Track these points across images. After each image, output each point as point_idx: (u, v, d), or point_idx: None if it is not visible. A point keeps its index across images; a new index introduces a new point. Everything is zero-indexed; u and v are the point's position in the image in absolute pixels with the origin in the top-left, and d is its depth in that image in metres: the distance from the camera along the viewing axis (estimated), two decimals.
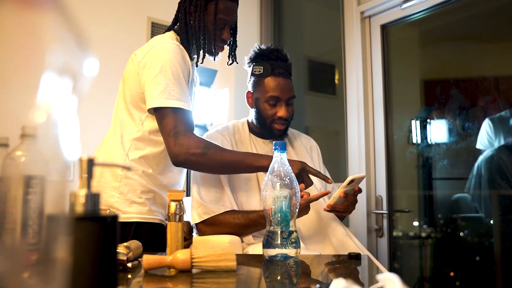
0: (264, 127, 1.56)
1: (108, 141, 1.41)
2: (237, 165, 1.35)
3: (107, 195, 1.33)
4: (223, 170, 1.41)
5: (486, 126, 2.11)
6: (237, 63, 1.57)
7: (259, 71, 1.53)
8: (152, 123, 1.36)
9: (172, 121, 1.29)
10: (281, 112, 1.51)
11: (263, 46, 1.59)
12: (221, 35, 1.45)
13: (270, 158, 1.21)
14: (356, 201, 1.39)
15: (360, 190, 1.36)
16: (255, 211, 1.40)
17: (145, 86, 1.32)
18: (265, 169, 1.31)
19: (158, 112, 1.31)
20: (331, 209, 1.35)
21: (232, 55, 1.56)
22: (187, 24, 1.43)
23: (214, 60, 1.50)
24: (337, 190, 1.32)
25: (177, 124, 1.29)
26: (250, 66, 1.58)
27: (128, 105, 1.38)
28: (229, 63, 1.57)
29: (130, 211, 1.33)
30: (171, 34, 1.45)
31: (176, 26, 1.50)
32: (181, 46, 1.39)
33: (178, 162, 1.31)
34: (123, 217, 1.31)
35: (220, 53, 1.49)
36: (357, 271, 0.98)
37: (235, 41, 1.55)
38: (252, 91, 1.57)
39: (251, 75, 1.57)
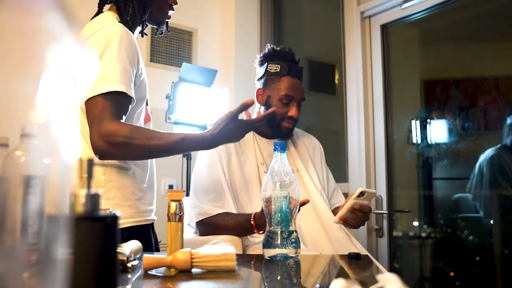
0: (272, 125, 1.56)
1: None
2: (164, 153, 1.23)
3: None
4: (151, 157, 1.31)
5: None
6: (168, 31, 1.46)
7: (275, 70, 1.53)
8: None
9: (100, 106, 1.12)
10: (292, 111, 1.52)
11: (276, 47, 1.59)
12: (167, 1, 1.34)
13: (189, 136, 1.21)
14: (367, 218, 1.34)
15: (369, 209, 1.31)
16: (244, 214, 1.39)
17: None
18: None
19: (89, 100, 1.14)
20: (343, 221, 1.31)
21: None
22: None
23: (168, 30, 1.42)
24: (346, 204, 1.28)
25: (104, 110, 1.12)
26: (262, 65, 1.58)
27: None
28: (158, 33, 1.43)
29: (122, 217, 1.22)
30: (111, 14, 1.29)
31: (110, 3, 1.34)
32: (125, 28, 1.24)
33: (98, 153, 1.13)
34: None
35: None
36: (357, 271, 0.98)
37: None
38: (263, 89, 1.57)
39: (264, 73, 1.56)
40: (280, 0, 3.09)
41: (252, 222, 1.31)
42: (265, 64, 1.56)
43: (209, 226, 1.42)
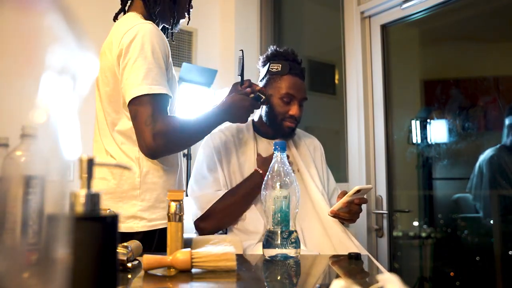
0: (274, 125, 1.56)
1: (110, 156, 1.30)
2: (201, 136, 1.39)
3: (128, 205, 1.25)
4: (193, 143, 1.40)
5: None
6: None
7: (277, 69, 1.54)
8: None
9: (149, 107, 1.18)
10: (294, 110, 1.52)
11: (279, 48, 1.61)
12: (189, 2, 1.40)
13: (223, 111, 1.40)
14: (360, 210, 1.40)
15: (365, 201, 1.37)
16: (242, 181, 1.46)
17: (124, 74, 1.20)
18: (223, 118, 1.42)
19: (136, 99, 1.19)
20: (334, 215, 1.37)
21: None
22: None
23: (188, 23, 1.47)
24: (342, 198, 1.33)
25: (154, 110, 1.18)
26: (265, 65, 1.59)
27: (111, 105, 1.30)
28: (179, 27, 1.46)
29: (157, 218, 1.27)
30: (134, 14, 1.31)
31: (130, 3, 1.38)
32: (155, 25, 1.28)
33: (153, 151, 1.20)
34: (149, 225, 1.25)
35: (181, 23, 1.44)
36: (357, 271, 0.98)
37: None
38: (265, 88, 1.58)
39: (266, 73, 1.57)
40: (280, 0, 3.09)
41: (260, 172, 1.41)
42: (268, 64, 1.56)
43: (208, 218, 1.42)
